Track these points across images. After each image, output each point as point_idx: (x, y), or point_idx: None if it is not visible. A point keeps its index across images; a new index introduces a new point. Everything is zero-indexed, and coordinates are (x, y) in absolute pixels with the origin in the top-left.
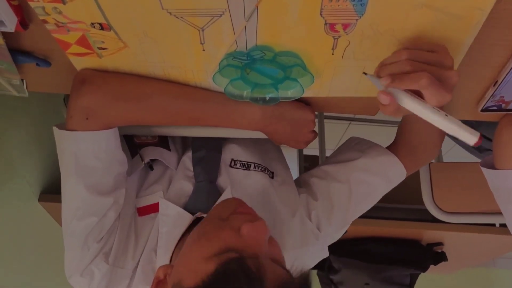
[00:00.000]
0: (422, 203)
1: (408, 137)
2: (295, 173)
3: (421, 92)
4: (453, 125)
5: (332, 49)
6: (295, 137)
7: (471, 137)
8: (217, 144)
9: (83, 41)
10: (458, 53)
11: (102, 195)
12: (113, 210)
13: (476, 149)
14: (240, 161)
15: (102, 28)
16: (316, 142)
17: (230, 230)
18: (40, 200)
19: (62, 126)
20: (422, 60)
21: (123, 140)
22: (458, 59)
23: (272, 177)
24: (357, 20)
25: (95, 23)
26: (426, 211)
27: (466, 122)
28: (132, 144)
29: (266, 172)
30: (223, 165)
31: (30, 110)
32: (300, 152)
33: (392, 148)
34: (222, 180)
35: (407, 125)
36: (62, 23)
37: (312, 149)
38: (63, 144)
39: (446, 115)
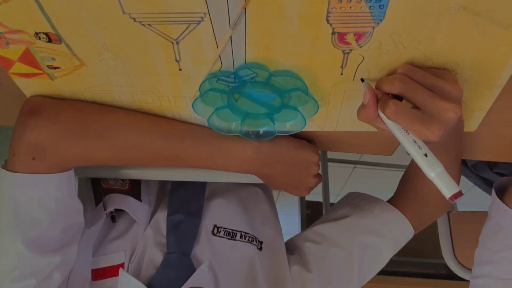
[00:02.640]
0: (438, 256)
1: (413, 187)
2: (296, 221)
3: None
4: (429, 170)
5: (341, 67)
6: (296, 182)
7: (446, 191)
8: (198, 205)
9: (28, 57)
10: (499, 76)
11: (46, 253)
12: (59, 271)
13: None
14: (225, 228)
15: (49, 40)
16: (319, 186)
17: None
18: None
19: (5, 165)
20: (418, 79)
21: (89, 183)
22: (500, 83)
23: (261, 249)
24: (373, 28)
25: (40, 33)
26: (443, 265)
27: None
28: (99, 188)
29: (254, 242)
30: (204, 231)
31: None
32: (302, 198)
33: (396, 201)
34: (200, 251)
35: (412, 172)
36: None
37: (315, 195)
38: (1, 187)
39: (425, 155)
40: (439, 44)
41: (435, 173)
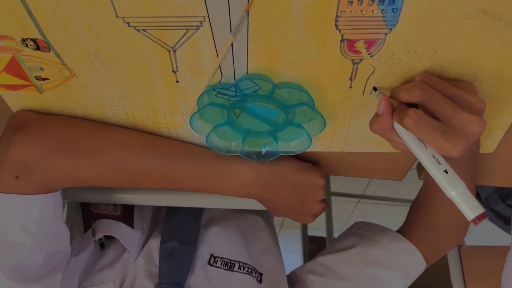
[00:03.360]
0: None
1: (425, 215)
2: (298, 258)
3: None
4: (450, 188)
5: (350, 79)
6: (300, 208)
7: (469, 212)
8: (193, 232)
9: (14, 67)
10: None
11: (26, 282)
12: None
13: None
14: (222, 258)
15: (37, 47)
16: (322, 221)
17: None
18: None
19: None
20: (438, 88)
21: (78, 208)
22: None
23: (260, 281)
24: (386, 34)
25: (27, 39)
26: None
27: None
28: (89, 214)
29: (254, 274)
30: (200, 261)
31: None
32: (304, 232)
33: (406, 231)
34: (194, 282)
35: (423, 199)
36: None
37: (318, 230)
38: None
39: (445, 172)
40: (456, 52)
41: (457, 191)
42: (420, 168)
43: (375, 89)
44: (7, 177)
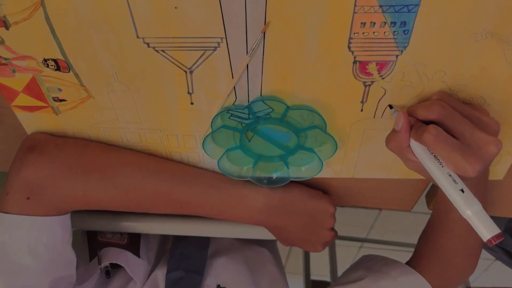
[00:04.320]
0: None
1: (434, 246)
2: None
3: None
4: (466, 207)
5: (362, 102)
6: (310, 236)
7: (485, 232)
8: (200, 262)
9: (33, 88)
10: None
11: None
12: None
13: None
14: None
15: (58, 68)
16: (326, 265)
17: None
18: None
19: None
20: (456, 107)
21: (84, 236)
22: None
23: None
24: (397, 56)
25: (48, 59)
26: None
27: None
28: (95, 242)
29: None
30: None
31: None
32: (306, 278)
33: (415, 262)
34: None
35: (432, 229)
36: (5, 59)
37: (320, 276)
38: None
39: (461, 191)
40: (466, 75)
41: (472, 211)
42: (429, 198)
43: (390, 107)
44: (18, 198)
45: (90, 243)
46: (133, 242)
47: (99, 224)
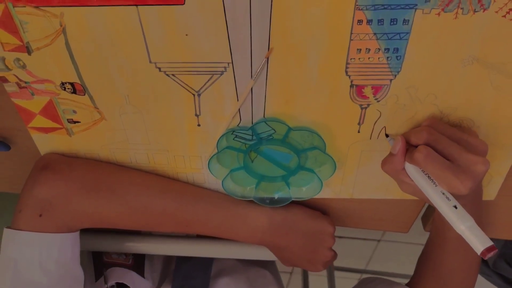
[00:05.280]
0: None
1: (433, 266)
2: None
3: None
4: (460, 222)
5: (359, 123)
6: (311, 255)
7: (479, 245)
8: (203, 282)
9: (49, 110)
10: None
11: None
12: None
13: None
14: None
15: (74, 91)
16: None
17: None
18: None
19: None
20: (444, 132)
21: (90, 256)
22: None
23: None
24: (391, 80)
25: (66, 82)
26: None
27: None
28: (100, 263)
29: None
30: None
31: None
32: None
33: (415, 283)
34: None
35: (430, 249)
36: (26, 82)
37: None
38: (2, 246)
39: (455, 207)
40: (455, 99)
41: (466, 226)
42: (425, 220)
43: (387, 135)
44: (30, 215)
45: (95, 263)
46: (138, 263)
47: (104, 244)
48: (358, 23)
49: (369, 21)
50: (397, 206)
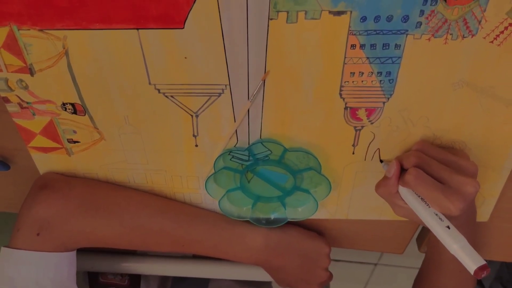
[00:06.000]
0: None
1: (429, 286)
2: None
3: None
4: (453, 242)
5: (353, 145)
6: (306, 275)
7: (472, 264)
8: None
9: (50, 130)
10: (506, 157)
11: None
12: None
13: None
14: None
15: (74, 111)
16: None
17: None
18: None
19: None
20: (433, 155)
21: (86, 277)
22: (508, 165)
23: None
24: (384, 103)
25: (67, 103)
26: None
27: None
28: (96, 283)
29: None
30: None
31: None
32: None
33: None
34: None
35: (427, 269)
36: (27, 103)
37: None
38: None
39: (447, 227)
40: (447, 121)
41: (459, 245)
42: (420, 241)
43: (381, 161)
44: (28, 234)
45: (91, 284)
46: (133, 283)
47: (100, 265)
48: (352, 48)
49: (362, 46)
50: (392, 227)
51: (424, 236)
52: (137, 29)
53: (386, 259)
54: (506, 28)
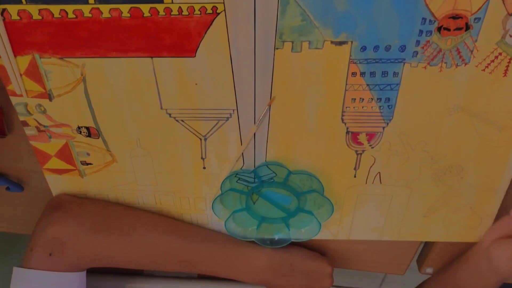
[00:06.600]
0: None
1: None
2: None
3: None
4: None
5: (355, 169)
6: None
7: None
8: None
9: (64, 153)
10: (501, 179)
11: None
12: None
13: None
14: None
15: (89, 134)
16: None
17: None
18: None
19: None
20: None
21: None
22: (503, 186)
23: None
24: (383, 128)
25: (82, 127)
26: None
27: None
28: None
29: None
30: None
31: None
32: None
33: None
34: None
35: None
36: (45, 126)
37: None
38: (12, 285)
39: None
40: (444, 145)
41: None
42: (420, 262)
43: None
44: (41, 254)
45: None
46: None
47: (108, 286)
48: (353, 75)
49: (362, 74)
50: (393, 247)
51: (424, 257)
52: (151, 57)
53: (388, 285)
54: (496, 57)
